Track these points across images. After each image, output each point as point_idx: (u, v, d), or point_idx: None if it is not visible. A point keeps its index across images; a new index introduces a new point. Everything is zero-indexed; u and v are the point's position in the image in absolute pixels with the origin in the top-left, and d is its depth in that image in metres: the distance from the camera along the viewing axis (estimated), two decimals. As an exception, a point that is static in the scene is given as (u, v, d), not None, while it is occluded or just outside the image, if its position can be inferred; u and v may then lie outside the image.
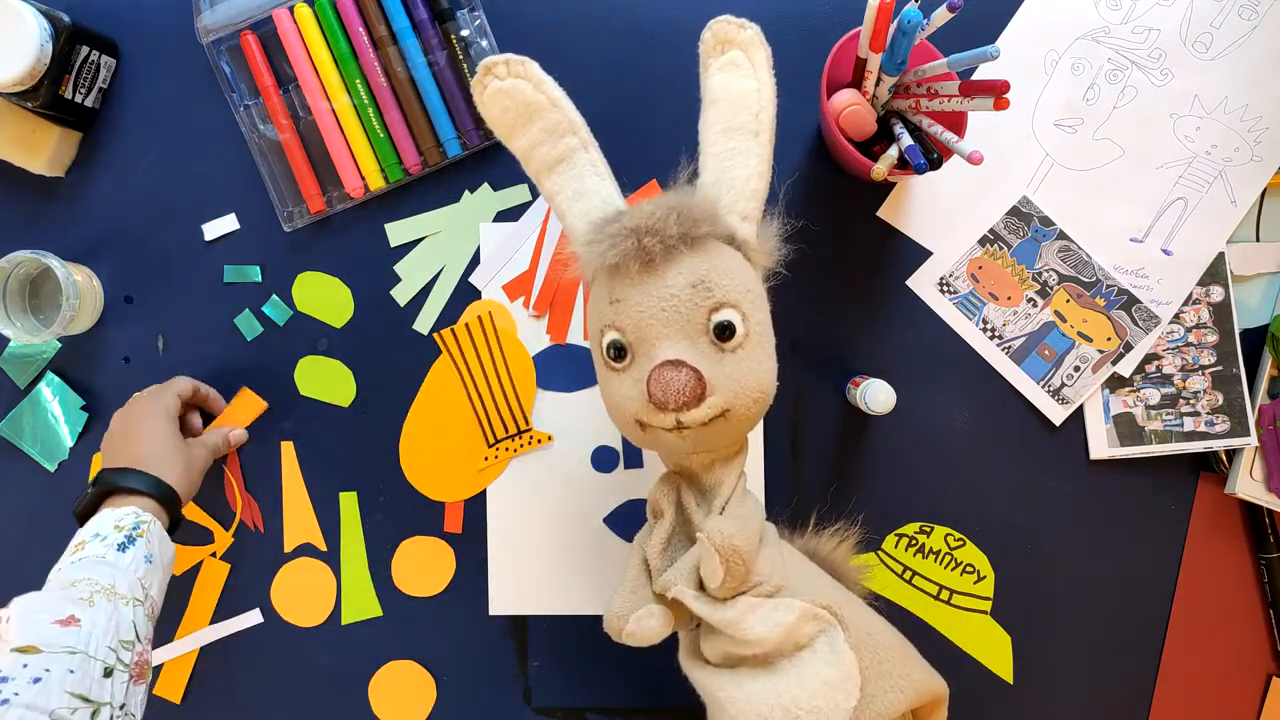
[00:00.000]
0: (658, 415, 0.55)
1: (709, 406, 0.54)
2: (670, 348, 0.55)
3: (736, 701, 0.55)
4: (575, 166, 0.61)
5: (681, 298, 0.55)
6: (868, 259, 0.79)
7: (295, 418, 0.80)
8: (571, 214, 0.61)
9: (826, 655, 0.56)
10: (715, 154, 0.60)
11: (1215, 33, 0.77)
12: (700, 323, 0.55)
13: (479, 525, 0.80)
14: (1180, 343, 0.78)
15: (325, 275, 0.80)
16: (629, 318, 0.56)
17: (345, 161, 0.78)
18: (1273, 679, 0.79)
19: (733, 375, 0.55)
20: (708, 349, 0.55)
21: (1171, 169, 0.78)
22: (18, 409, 0.81)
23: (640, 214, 0.55)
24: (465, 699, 0.81)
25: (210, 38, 0.77)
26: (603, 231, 0.56)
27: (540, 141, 0.61)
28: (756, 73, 0.60)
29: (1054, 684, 0.79)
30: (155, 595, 0.64)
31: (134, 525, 0.65)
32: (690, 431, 0.55)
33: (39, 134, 0.78)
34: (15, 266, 0.76)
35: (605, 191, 0.61)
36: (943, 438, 0.79)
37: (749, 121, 0.59)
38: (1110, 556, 0.79)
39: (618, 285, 0.56)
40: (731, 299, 0.55)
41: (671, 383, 0.53)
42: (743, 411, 0.56)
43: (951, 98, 0.65)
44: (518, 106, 0.60)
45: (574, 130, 0.61)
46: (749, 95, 0.59)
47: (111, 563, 0.61)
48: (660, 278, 0.55)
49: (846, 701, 0.54)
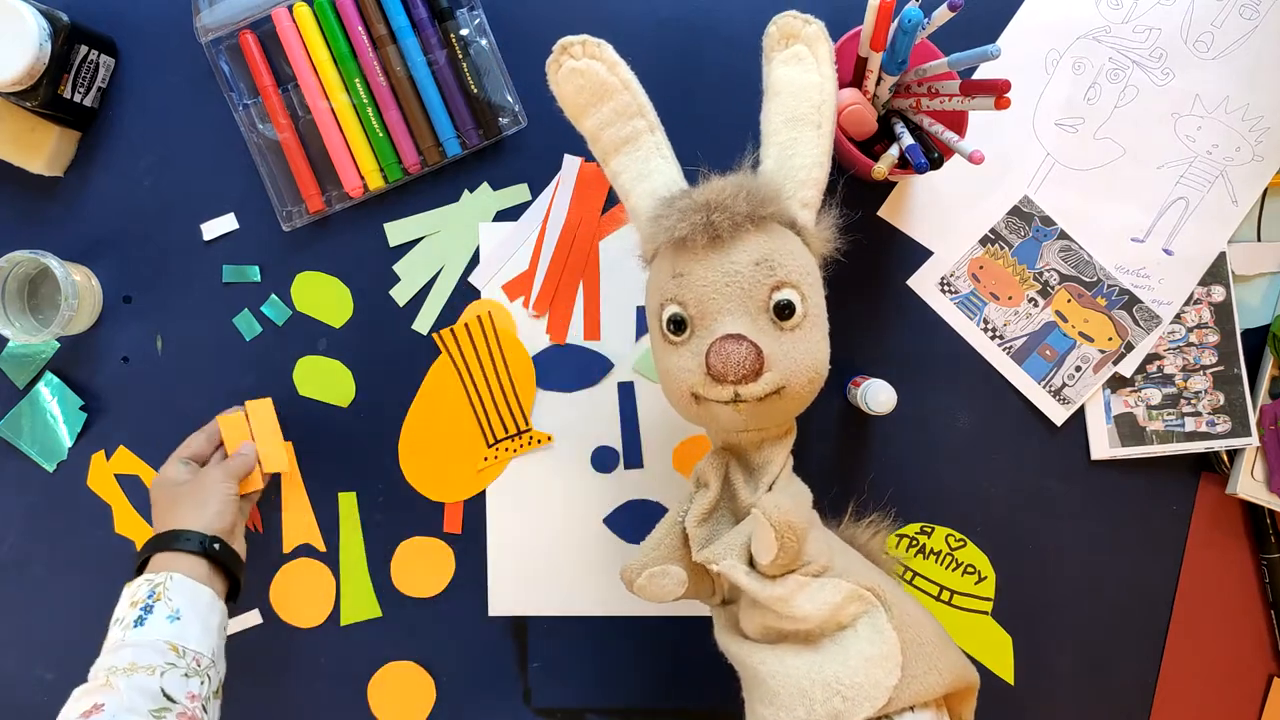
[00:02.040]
0: (715, 388, 0.56)
1: (766, 382, 0.55)
2: (731, 322, 0.56)
3: (777, 676, 0.56)
4: (641, 148, 0.62)
5: (745, 274, 0.56)
6: (868, 259, 0.79)
7: (294, 418, 0.80)
8: (636, 194, 0.62)
9: (869, 634, 0.57)
10: (778, 142, 0.61)
11: (1216, 32, 0.77)
12: (761, 300, 0.56)
13: (479, 525, 0.80)
14: (1181, 343, 0.78)
15: (324, 275, 0.80)
16: (692, 291, 0.57)
17: (344, 161, 0.78)
18: (1273, 679, 0.79)
19: (790, 354, 0.57)
20: (767, 326, 0.57)
21: (1172, 169, 0.78)
22: (16, 409, 0.81)
23: (710, 190, 0.57)
24: (465, 699, 0.81)
25: (209, 37, 0.77)
26: (672, 206, 0.57)
27: (610, 122, 0.62)
28: (820, 67, 0.61)
29: (1054, 684, 0.79)
30: (197, 645, 0.62)
31: (148, 593, 0.63)
32: (746, 406, 0.56)
33: (38, 134, 0.77)
34: (14, 266, 0.75)
35: (670, 173, 0.62)
36: (943, 438, 0.79)
37: (811, 113, 0.61)
38: (1111, 557, 0.79)
39: (682, 259, 0.58)
40: (793, 279, 0.57)
41: (732, 355, 0.54)
42: (797, 390, 0.57)
43: (952, 97, 0.65)
44: (591, 86, 0.61)
45: (642, 113, 0.62)
46: (812, 88, 0.61)
47: (131, 643, 0.60)
48: (725, 254, 0.57)
49: (888, 679, 0.55)
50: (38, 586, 0.82)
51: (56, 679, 0.82)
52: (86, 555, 0.81)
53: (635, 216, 0.63)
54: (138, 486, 0.81)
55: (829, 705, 0.54)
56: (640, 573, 0.62)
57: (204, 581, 0.65)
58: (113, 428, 0.81)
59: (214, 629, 0.64)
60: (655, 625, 0.80)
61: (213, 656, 0.63)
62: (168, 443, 0.80)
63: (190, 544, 0.66)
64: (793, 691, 0.55)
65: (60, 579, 0.81)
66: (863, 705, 0.54)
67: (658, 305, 0.59)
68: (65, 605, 0.81)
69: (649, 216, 0.60)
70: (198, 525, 0.67)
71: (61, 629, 0.81)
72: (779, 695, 0.56)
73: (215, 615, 0.65)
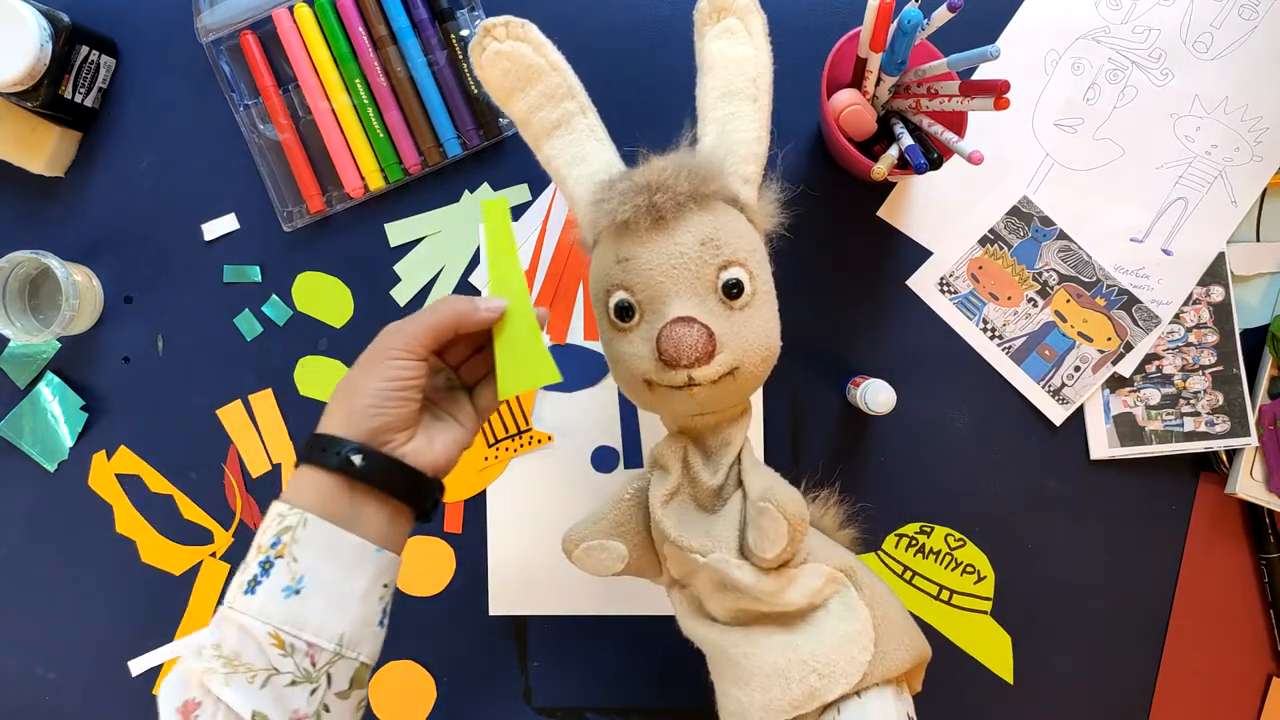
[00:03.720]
0: (668, 373, 0.55)
1: (719, 364, 0.54)
2: (680, 305, 0.55)
3: (751, 657, 0.56)
4: (574, 131, 0.61)
5: (691, 255, 0.55)
6: (868, 259, 0.79)
7: (295, 418, 0.80)
8: (571, 179, 0.61)
9: (842, 611, 0.57)
10: (715, 118, 0.60)
11: (1215, 33, 0.77)
12: (709, 280, 0.55)
13: (479, 525, 0.80)
14: (1180, 343, 0.78)
15: (325, 275, 0.80)
16: (638, 275, 0.56)
17: (345, 161, 0.78)
18: (1273, 679, 0.79)
19: (741, 333, 0.56)
20: (716, 307, 0.55)
21: (1172, 169, 0.78)
22: (17, 409, 0.81)
23: (651, 170, 0.55)
24: (465, 699, 0.81)
25: (210, 37, 0.77)
26: (612, 189, 0.56)
27: (539, 105, 0.61)
28: (753, 39, 0.60)
29: (1054, 684, 0.79)
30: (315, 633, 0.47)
31: (273, 540, 0.48)
32: (700, 390, 0.55)
33: (39, 134, 0.78)
34: (15, 266, 0.76)
35: (604, 156, 0.61)
36: (943, 438, 0.79)
37: (747, 86, 0.60)
38: (1110, 556, 0.79)
39: (625, 244, 0.56)
40: (739, 257, 0.56)
41: (684, 339, 0.53)
42: (750, 370, 0.56)
43: (952, 98, 0.65)
44: (517, 69, 0.60)
45: (572, 94, 0.61)
46: (746, 61, 0.60)
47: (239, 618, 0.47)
48: (670, 235, 0.55)
49: (862, 655, 0.55)
50: (38, 586, 0.82)
51: (57, 679, 0.82)
52: (87, 555, 0.81)
53: (573, 202, 0.61)
54: (139, 486, 0.81)
55: (806, 683, 0.54)
56: (579, 544, 0.62)
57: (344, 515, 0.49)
58: (114, 428, 0.81)
59: (355, 596, 0.49)
60: (655, 625, 0.80)
61: (341, 643, 0.48)
62: (168, 443, 0.81)
63: (325, 456, 0.49)
64: (768, 671, 0.55)
65: (61, 579, 0.81)
66: (839, 682, 0.54)
67: (604, 291, 0.58)
68: (66, 605, 0.81)
69: (589, 201, 0.58)
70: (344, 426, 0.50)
71: (62, 629, 0.81)
72: (754, 676, 0.55)
73: (362, 576, 0.49)
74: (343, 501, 0.49)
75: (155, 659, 0.81)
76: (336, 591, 0.48)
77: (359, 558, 0.49)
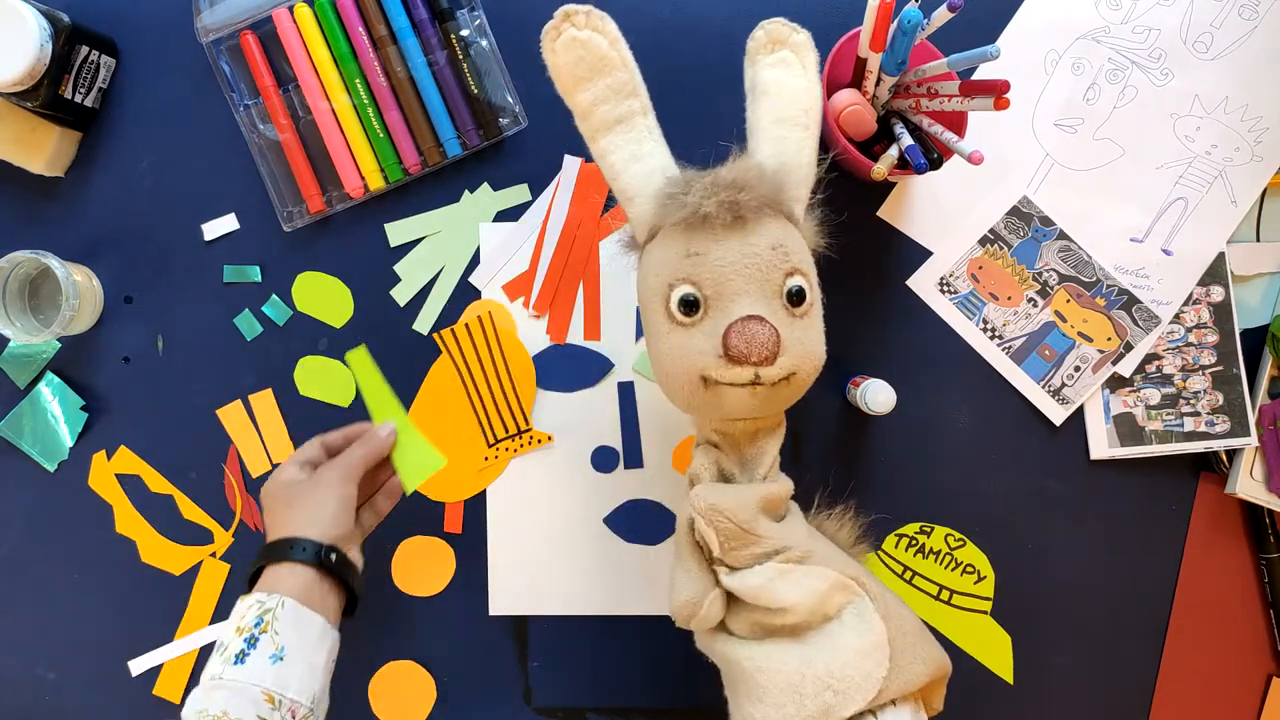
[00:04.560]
0: (731, 370, 0.55)
1: (781, 366, 0.55)
2: (749, 304, 0.56)
3: (765, 671, 0.56)
4: (634, 129, 0.61)
5: (764, 257, 0.56)
6: (868, 259, 0.79)
7: (295, 418, 0.80)
8: (628, 174, 0.61)
9: (856, 625, 0.56)
10: (771, 138, 0.61)
11: (1215, 33, 0.77)
12: (777, 285, 0.57)
13: (479, 525, 0.80)
14: (1180, 343, 0.78)
15: (325, 275, 0.80)
16: (710, 271, 0.56)
17: (345, 161, 0.78)
18: (1273, 679, 0.79)
19: (801, 340, 0.57)
20: (780, 311, 0.57)
21: (1171, 169, 0.78)
22: (17, 409, 0.81)
23: (736, 169, 0.57)
24: (465, 699, 0.81)
25: (210, 37, 0.77)
26: (690, 184, 0.57)
27: (604, 99, 0.60)
28: (807, 73, 0.62)
29: (1054, 684, 0.79)
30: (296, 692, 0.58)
31: (256, 620, 0.59)
32: (762, 389, 0.56)
33: (39, 134, 0.78)
34: (15, 266, 0.76)
35: (664, 157, 0.61)
36: (943, 438, 0.79)
37: (800, 115, 0.61)
38: (1110, 556, 0.79)
39: (697, 239, 0.57)
40: (803, 267, 0.58)
41: (756, 336, 0.54)
42: (804, 377, 0.58)
43: (952, 98, 0.65)
44: (590, 59, 0.60)
45: (637, 93, 0.61)
46: (801, 93, 0.61)
47: (229, 683, 0.56)
48: (744, 236, 0.56)
49: (878, 670, 0.55)
50: (38, 586, 0.82)
51: (57, 679, 0.82)
52: (87, 555, 0.81)
53: (627, 197, 0.61)
54: (139, 486, 0.81)
55: (820, 699, 0.54)
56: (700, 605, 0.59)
57: (316, 601, 0.61)
58: (114, 428, 0.81)
59: (320, 667, 0.60)
60: (655, 625, 0.80)
61: (313, 702, 0.59)
62: (168, 443, 0.81)
63: (305, 554, 0.61)
64: (782, 687, 0.55)
65: (61, 579, 0.81)
66: (854, 698, 0.54)
67: (664, 285, 0.58)
68: (66, 605, 0.81)
69: (659, 194, 0.59)
70: (313, 532, 0.62)
71: (62, 629, 0.81)
72: (768, 691, 0.55)
73: (324, 650, 0.61)
74: (314, 590, 0.61)
75: (155, 659, 0.81)
76: (308, 661, 0.59)
77: (322, 634, 0.61)
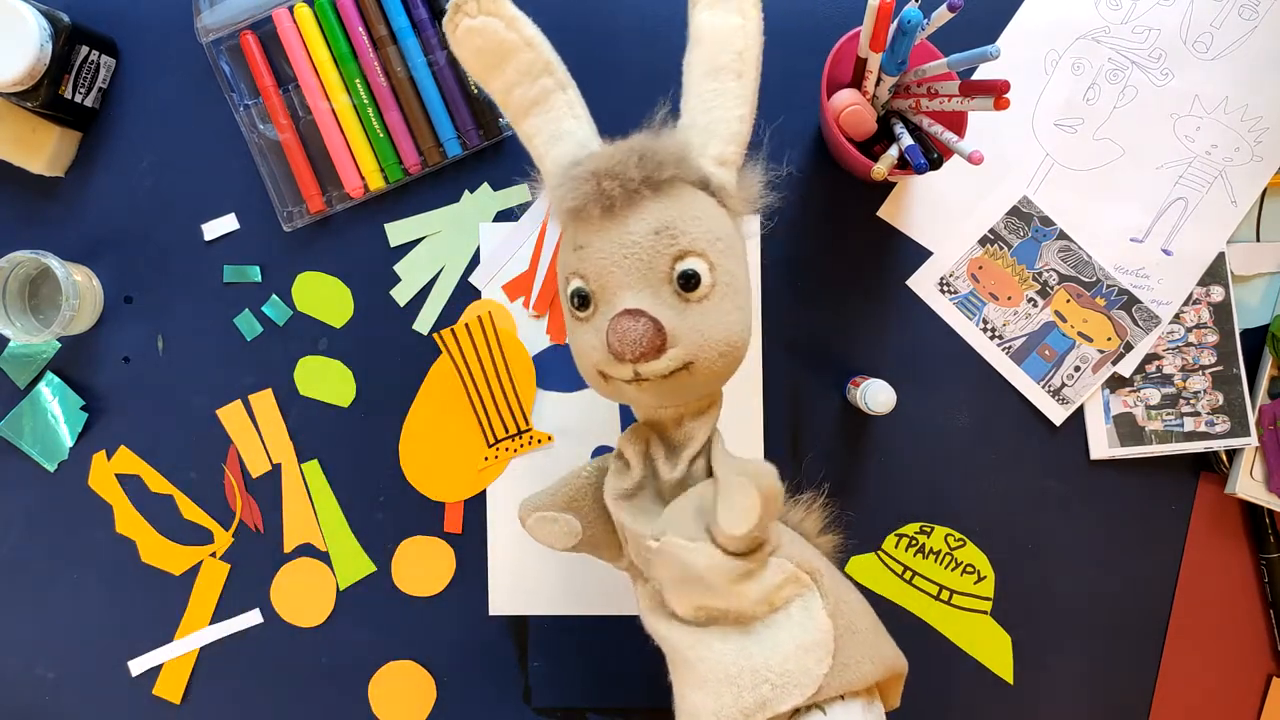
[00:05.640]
0: (617, 366, 0.53)
1: (670, 359, 0.52)
2: (631, 297, 0.53)
3: (706, 661, 0.54)
4: (552, 109, 0.58)
5: (643, 245, 0.53)
6: (868, 259, 0.79)
7: (295, 418, 0.80)
8: (549, 158, 0.58)
9: (801, 619, 0.55)
10: (697, 95, 0.57)
11: (1215, 33, 0.77)
12: (663, 271, 0.53)
13: (479, 525, 0.80)
14: (1180, 343, 0.78)
15: (325, 275, 0.80)
16: (591, 264, 0.54)
17: (345, 161, 0.78)
18: (1273, 679, 0.79)
19: (697, 327, 0.53)
20: (671, 299, 0.53)
21: (1171, 169, 0.78)
22: (17, 409, 0.81)
23: (601, 157, 0.53)
24: (465, 699, 0.81)
25: (210, 37, 0.77)
26: (567, 175, 0.54)
27: (516, 83, 0.58)
28: (741, 8, 0.57)
29: (1054, 684, 0.79)
30: None
31: None
32: (650, 384, 0.54)
33: (39, 134, 0.78)
34: (15, 266, 0.76)
35: (581, 134, 0.58)
36: (943, 438, 0.79)
37: (732, 61, 0.56)
38: (1110, 556, 0.79)
39: (581, 231, 0.55)
40: (698, 247, 0.53)
41: (628, 333, 0.51)
42: (708, 365, 0.54)
43: (951, 98, 0.65)
44: (490, 46, 0.57)
45: (549, 70, 0.58)
46: (734, 33, 0.57)
47: None
48: (622, 223, 0.53)
49: (818, 667, 0.54)
50: (38, 586, 0.82)
51: (57, 679, 0.82)
52: (87, 555, 0.81)
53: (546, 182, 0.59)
54: (139, 486, 0.81)
55: (757, 692, 0.53)
56: (532, 513, 0.62)
57: None
58: (114, 428, 0.81)
59: None
60: (655, 625, 0.80)
61: None
62: (168, 443, 0.81)
63: None
64: (720, 678, 0.54)
65: (61, 579, 0.81)
66: (792, 693, 0.53)
67: (564, 279, 0.56)
68: (66, 605, 0.81)
69: (551, 186, 0.56)
70: None
71: (62, 629, 0.81)
72: (707, 681, 0.54)
73: None
74: None
75: (155, 659, 0.81)
76: None
77: None
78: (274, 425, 0.80)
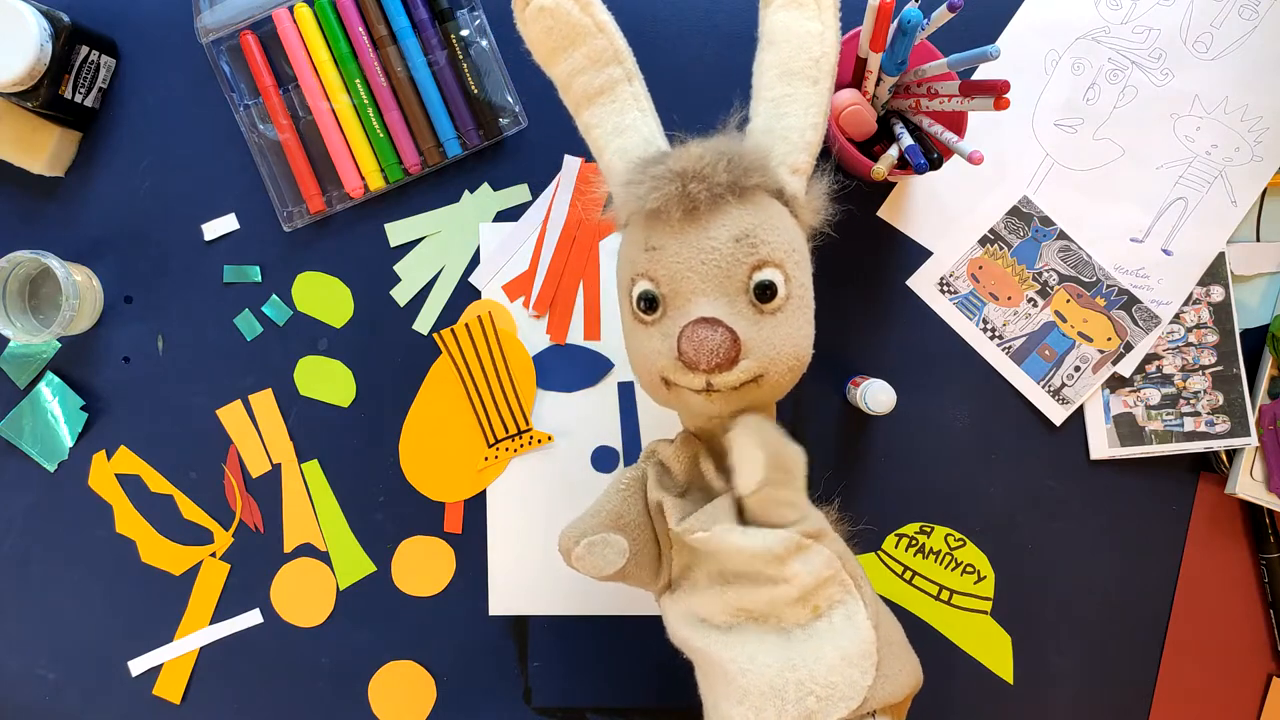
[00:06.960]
0: (686, 375, 0.52)
1: (743, 370, 0.51)
2: (707, 304, 0.51)
3: (748, 673, 0.53)
4: (617, 99, 0.56)
5: (724, 252, 0.51)
6: (868, 259, 0.79)
7: (295, 417, 0.80)
8: (610, 150, 0.57)
9: (844, 628, 0.54)
10: (770, 99, 0.55)
11: (1215, 33, 0.77)
12: (741, 280, 0.52)
13: (479, 525, 0.80)
14: (1180, 343, 0.78)
15: (325, 275, 0.80)
16: (665, 268, 0.52)
17: (345, 161, 0.78)
18: (1273, 679, 0.79)
19: (770, 339, 0.52)
20: (745, 309, 0.52)
21: (1171, 169, 0.78)
22: (17, 409, 0.81)
23: (688, 157, 0.52)
24: (465, 699, 0.81)
25: (210, 38, 0.77)
26: (645, 172, 0.52)
27: (582, 69, 0.56)
28: (821, 15, 0.56)
29: (1054, 684, 0.79)
30: None
31: None
32: (720, 395, 0.52)
33: (39, 134, 0.78)
34: (15, 266, 0.76)
35: (647, 129, 0.57)
36: (943, 438, 0.79)
37: (808, 67, 0.55)
38: (1110, 556, 0.79)
39: (655, 232, 0.53)
40: (776, 258, 0.52)
41: (705, 342, 0.49)
42: (777, 378, 0.53)
43: (951, 98, 0.65)
44: (561, 28, 0.55)
45: (619, 60, 0.56)
46: (811, 39, 0.55)
47: None
48: (703, 228, 0.52)
49: (863, 679, 0.52)
50: (38, 586, 0.82)
51: (57, 679, 0.82)
52: (87, 555, 0.81)
53: (609, 176, 0.57)
54: (139, 486, 0.81)
55: (803, 705, 0.51)
56: (579, 540, 0.57)
57: None
58: (114, 428, 0.81)
59: None
60: (655, 625, 0.79)
61: None
62: (168, 443, 0.81)
63: None
64: (764, 690, 0.52)
65: (61, 579, 0.81)
66: (837, 705, 0.52)
67: (628, 280, 0.54)
68: (66, 605, 0.81)
69: (621, 181, 0.54)
70: None
71: (62, 629, 0.81)
72: (749, 694, 0.53)
73: None
74: None
75: (155, 659, 0.81)
76: None
77: None
78: (274, 425, 0.80)
